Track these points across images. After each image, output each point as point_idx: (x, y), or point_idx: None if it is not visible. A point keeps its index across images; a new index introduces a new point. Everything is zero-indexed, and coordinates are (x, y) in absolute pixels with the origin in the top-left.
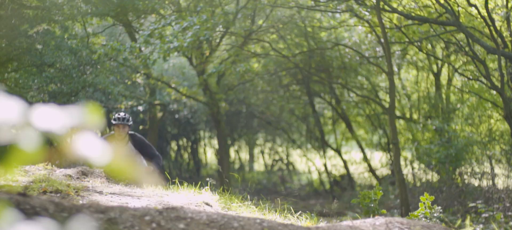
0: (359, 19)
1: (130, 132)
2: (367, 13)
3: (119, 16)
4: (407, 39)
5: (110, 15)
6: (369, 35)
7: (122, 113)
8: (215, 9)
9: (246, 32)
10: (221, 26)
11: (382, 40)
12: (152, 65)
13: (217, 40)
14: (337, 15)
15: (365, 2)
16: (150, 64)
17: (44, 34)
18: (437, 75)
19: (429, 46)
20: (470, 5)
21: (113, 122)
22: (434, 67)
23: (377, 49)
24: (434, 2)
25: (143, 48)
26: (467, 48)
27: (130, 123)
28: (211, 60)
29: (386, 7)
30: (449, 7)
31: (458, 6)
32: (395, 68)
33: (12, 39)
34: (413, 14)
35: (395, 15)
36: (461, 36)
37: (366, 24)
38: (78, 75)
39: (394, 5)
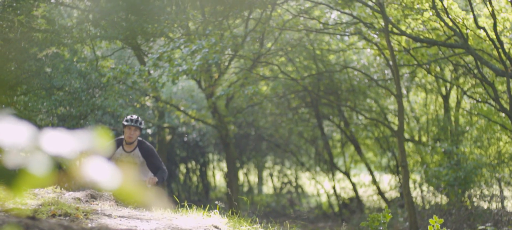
0: (367, 42)
1: (139, 138)
2: (375, 36)
3: (128, 40)
4: (415, 62)
5: (119, 38)
6: (378, 57)
7: (135, 116)
8: (224, 32)
9: (255, 55)
10: (230, 49)
11: (391, 62)
12: (161, 88)
13: (226, 63)
14: (346, 38)
15: (374, 25)
16: (159, 88)
17: (53, 57)
18: (446, 97)
19: (438, 68)
20: (479, 27)
21: (125, 123)
22: (443, 90)
23: (386, 71)
24: (443, 25)
25: (152, 71)
26: (476, 71)
27: (142, 126)
28: (220, 83)
29: (395, 30)
30: (457, 30)
31: (467, 28)
32: (404, 91)
33: (21, 63)
34: (421, 37)
35: (404, 37)
36: (469, 58)
37: (375, 47)
38: (87, 99)
39: (403, 28)
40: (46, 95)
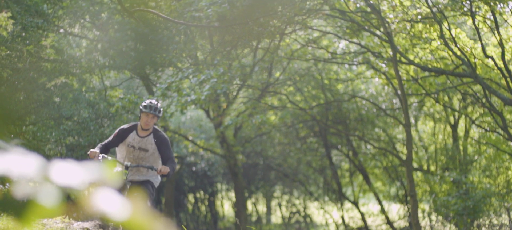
0: (376, 71)
1: (154, 126)
2: (383, 65)
3: (137, 69)
4: (424, 91)
5: (127, 68)
6: (386, 87)
7: (154, 101)
8: (232, 62)
9: (263, 85)
10: (238, 79)
11: (399, 92)
12: (170, 118)
13: (234, 93)
14: (354, 67)
15: (382, 54)
16: (167, 117)
17: (62, 87)
18: (454, 127)
19: (446, 98)
20: (487, 56)
21: (143, 109)
22: (451, 119)
23: (394, 101)
24: (451, 54)
25: (160, 101)
26: (484, 100)
27: (161, 114)
28: (228, 112)
29: (403, 59)
30: (465, 59)
31: (475, 57)
32: (412, 120)
33: (30, 92)
34: (429, 66)
35: (412, 67)
36: (478, 87)
37: (383, 76)
38: (96, 128)
39: (411, 57)
40: (54, 125)
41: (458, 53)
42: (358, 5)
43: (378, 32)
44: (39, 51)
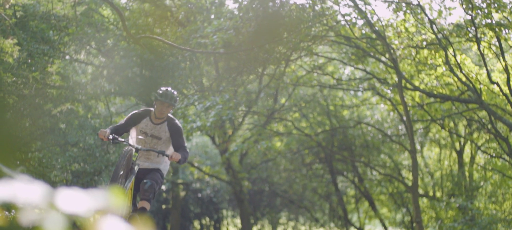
0: (381, 98)
1: (169, 114)
2: (389, 92)
3: (142, 96)
4: (429, 117)
5: (133, 94)
6: (392, 113)
7: (170, 90)
8: (237, 88)
9: (269, 111)
10: (243, 105)
11: (405, 118)
12: None
13: (240, 119)
14: (359, 93)
15: (387, 80)
16: None
17: (68, 113)
18: (460, 153)
19: (452, 124)
20: (492, 82)
21: (158, 97)
22: (457, 145)
23: (400, 127)
24: (456, 80)
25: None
26: (489, 126)
27: (177, 104)
28: (233, 139)
29: (408, 85)
30: (471, 85)
31: (480, 83)
32: (418, 146)
33: (36, 119)
34: (435, 92)
35: (417, 93)
36: (483, 113)
37: (388, 102)
38: (102, 155)
39: (416, 83)
40: (60, 151)
41: (464, 79)
42: (363, 32)
43: (383, 59)
44: (45, 77)
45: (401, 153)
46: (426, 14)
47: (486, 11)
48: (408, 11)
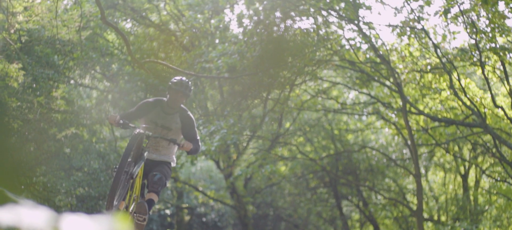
0: (385, 122)
1: (182, 105)
2: (393, 116)
3: None
4: (434, 141)
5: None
6: (396, 137)
7: (185, 79)
8: (242, 112)
9: (273, 136)
10: (248, 129)
11: (409, 142)
12: (180, 169)
13: (245, 144)
14: (364, 117)
15: (392, 104)
16: (177, 168)
17: (72, 138)
18: (464, 177)
19: (456, 148)
20: (497, 106)
21: (172, 86)
22: (462, 169)
23: (404, 151)
24: (461, 104)
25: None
26: (494, 150)
27: (191, 93)
28: (238, 163)
29: (413, 110)
30: (475, 109)
31: (485, 107)
32: (422, 170)
33: (41, 143)
34: (439, 116)
35: (422, 117)
36: (488, 137)
37: (393, 127)
38: (106, 179)
39: (421, 107)
40: (65, 176)
41: (468, 103)
42: (367, 56)
43: (388, 83)
44: (50, 102)
45: (406, 177)
46: (430, 39)
47: (490, 35)
48: (413, 36)
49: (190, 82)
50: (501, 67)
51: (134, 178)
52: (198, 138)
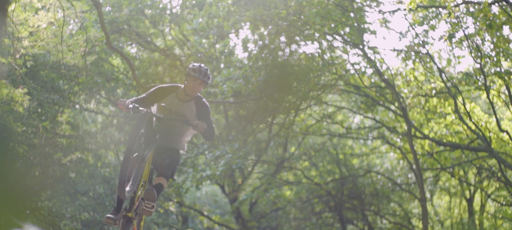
0: (390, 146)
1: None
2: (398, 140)
3: None
4: (439, 166)
5: None
6: (401, 161)
7: (204, 66)
8: (247, 137)
9: (278, 160)
10: (253, 154)
11: (414, 166)
12: (185, 193)
13: (250, 168)
14: (369, 142)
15: (397, 129)
16: (182, 193)
17: (77, 162)
18: (470, 201)
19: (462, 172)
20: (502, 130)
21: (191, 73)
22: (467, 193)
23: (409, 175)
24: (466, 128)
25: (175, 177)
26: (499, 174)
27: (210, 81)
28: (243, 188)
29: (418, 134)
30: (480, 133)
31: (490, 132)
32: (428, 195)
33: (46, 168)
34: (444, 141)
35: (427, 141)
36: (493, 161)
37: (398, 151)
38: (111, 204)
39: (426, 132)
40: (70, 200)
41: (473, 127)
42: (372, 80)
43: (392, 107)
44: (55, 127)
45: (411, 201)
46: (435, 63)
47: (495, 59)
48: (417, 60)
49: (208, 70)
50: (506, 92)
51: (146, 161)
52: (213, 125)
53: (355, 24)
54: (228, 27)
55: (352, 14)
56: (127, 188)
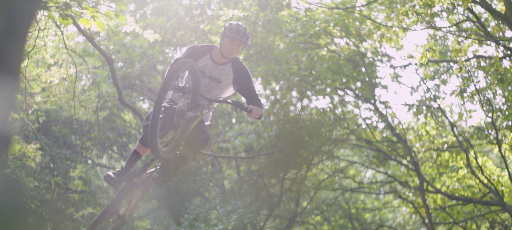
0: (403, 200)
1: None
2: (411, 194)
3: (164, 199)
4: (451, 220)
5: (154, 198)
6: (414, 216)
7: (242, 24)
8: (259, 192)
9: (291, 215)
10: (265, 209)
11: (427, 221)
12: None
13: (262, 223)
14: (381, 196)
15: (409, 183)
16: None
17: (90, 217)
18: None
19: (474, 226)
20: None
21: (228, 33)
22: None
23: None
24: (478, 182)
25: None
26: None
27: (249, 42)
28: None
29: (430, 188)
30: (492, 187)
31: (502, 186)
32: None
33: (58, 223)
34: (457, 195)
35: (439, 195)
36: (506, 215)
37: (410, 205)
38: None
39: (438, 186)
40: None
41: (485, 181)
42: (384, 135)
43: (404, 161)
44: (67, 182)
45: None
46: (446, 117)
47: (506, 113)
48: (429, 114)
49: (247, 29)
50: None
51: (190, 120)
52: (258, 93)
53: (367, 78)
54: None
55: (363, 69)
56: (159, 141)
